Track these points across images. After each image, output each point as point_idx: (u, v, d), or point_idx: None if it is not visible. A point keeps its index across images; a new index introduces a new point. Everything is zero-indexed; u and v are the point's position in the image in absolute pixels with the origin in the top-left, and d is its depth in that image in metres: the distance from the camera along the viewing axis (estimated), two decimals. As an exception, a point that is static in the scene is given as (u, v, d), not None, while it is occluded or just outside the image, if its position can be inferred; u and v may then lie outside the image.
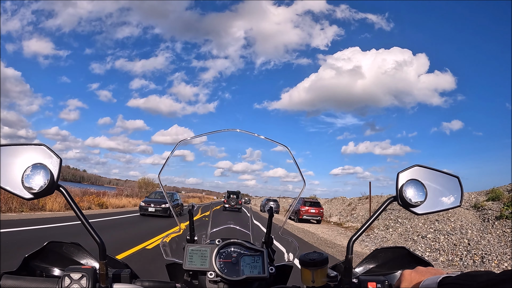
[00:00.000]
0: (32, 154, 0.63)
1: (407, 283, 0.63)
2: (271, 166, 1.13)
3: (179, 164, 1.05)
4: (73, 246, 0.77)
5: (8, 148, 0.63)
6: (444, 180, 0.71)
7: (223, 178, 1.28)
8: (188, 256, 0.78)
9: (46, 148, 0.64)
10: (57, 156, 0.63)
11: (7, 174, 0.62)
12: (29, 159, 0.63)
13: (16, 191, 0.61)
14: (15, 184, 0.61)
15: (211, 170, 1.22)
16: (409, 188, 0.68)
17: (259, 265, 0.78)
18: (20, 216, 9.21)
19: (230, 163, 1.17)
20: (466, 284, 0.51)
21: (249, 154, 1.08)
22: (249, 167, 1.18)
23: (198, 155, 1.10)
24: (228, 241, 0.81)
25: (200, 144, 1.04)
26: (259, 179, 1.26)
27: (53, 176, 0.61)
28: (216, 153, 1.13)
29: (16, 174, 0.62)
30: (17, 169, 0.62)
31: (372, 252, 0.83)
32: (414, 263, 0.74)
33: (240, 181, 1.31)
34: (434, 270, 0.64)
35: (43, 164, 0.62)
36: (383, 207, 0.68)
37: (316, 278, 0.68)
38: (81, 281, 0.61)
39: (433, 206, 0.70)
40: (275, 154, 0.96)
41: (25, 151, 0.63)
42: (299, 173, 0.88)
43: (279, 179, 1.15)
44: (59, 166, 0.63)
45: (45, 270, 0.73)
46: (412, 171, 0.70)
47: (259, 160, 1.11)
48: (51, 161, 0.63)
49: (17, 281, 0.62)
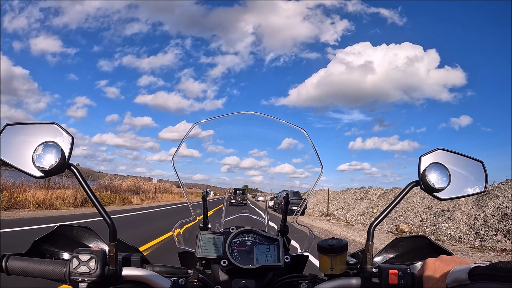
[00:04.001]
0: (43, 132, 0.62)
1: (431, 271, 0.60)
2: (279, 162, 1.12)
3: (186, 161, 1.04)
4: (84, 230, 0.76)
5: (19, 127, 0.62)
6: (468, 165, 0.68)
7: (230, 174, 1.27)
8: (201, 244, 0.75)
9: (58, 126, 0.62)
10: (68, 135, 0.61)
11: (17, 153, 0.60)
12: (40, 138, 0.61)
13: (27, 170, 0.60)
14: (26, 163, 0.60)
15: (218, 166, 1.21)
16: (432, 172, 0.65)
17: (274, 254, 0.75)
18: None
19: (238, 159, 1.15)
20: (498, 275, 0.47)
21: (257, 142, 1.07)
22: (256, 163, 1.17)
23: (205, 151, 1.09)
24: (243, 229, 0.79)
25: (207, 141, 1.03)
26: (265, 175, 1.24)
27: (64, 154, 0.60)
28: (223, 149, 1.13)
29: (27, 153, 0.60)
30: (28, 148, 0.60)
31: (392, 241, 0.80)
32: (436, 254, 0.71)
33: (247, 177, 1.30)
34: (459, 259, 0.60)
35: (55, 143, 0.60)
36: (404, 191, 0.65)
37: (335, 265, 0.65)
38: (90, 263, 0.59)
39: (457, 191, 0.67)
40: (289, 134, 0.95)
41: (36, 129, 0.62)
42: (316, 157, 0.85)
43: (286, 175, 1.14)
44: (71, 144, 0.61)
45: (55, 253, 0.72)
46: (435, 155, 0.67)
47: (266, 157, 1.11)
48: (63, 140, 0.61)
49: (24, 262, 0.60)
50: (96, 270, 0.58)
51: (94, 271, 0.58)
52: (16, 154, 0.60)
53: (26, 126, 0.62)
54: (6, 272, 0.59)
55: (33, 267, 0.60)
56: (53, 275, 0.60)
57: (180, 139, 0.86)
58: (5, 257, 0.59)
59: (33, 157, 0.59)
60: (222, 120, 0.91)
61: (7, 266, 0.59)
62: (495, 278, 0.47)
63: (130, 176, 26.11)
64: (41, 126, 0.62)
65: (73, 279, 0.58)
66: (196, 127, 0.88)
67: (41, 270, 0.60)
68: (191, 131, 0.87)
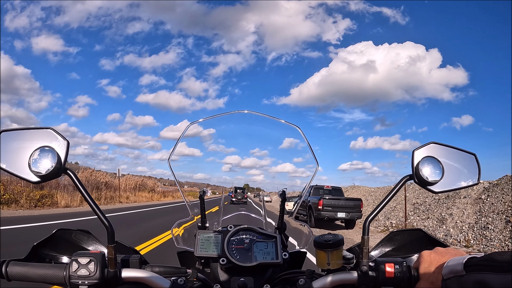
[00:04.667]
0: (39, 137, 0.62)
1: (426, 264, 0.61)
2: (280, 161, 1.13)
3: (187, 160, 1.04)
4: (83, 233, 0.76)
5: (14, 132, 0.62)
6: (461, 158, 0.69)
7: (231, 174, 1.27)
8: (200, 243, 0.76)
9: (53, 131, 0.62)
10: (64, 139, 0.62)
11: (13, 158, 0.61)
12: (36, 143, 0.61)
13: (23, 175, 0.60)
14: (22, 168, 0.60)
15: (219, 166, 1.21)
16: (425, 166, 0.65)
17: (272, 251, 0.76)
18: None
19: (239, 158, 1.16)
20: (493, 266, 0.48)
21: (258, 141, 1.07)
22: (258, 163, 1.17)
23: (206, 150, 1.09)
24: (240, 227, 0.79)
25: (208, 141, 1.03)
26: (267, 174, 1.25)
27: (61, 159, 0.60)
28: (224, 148, 1.13)
29: (23, 158, 0.60)
30: (24, 153, 0.61)
31: (388, 234, 0.81)
32: (432, 246, 0.72)
33: (248, 176, 1.30)
34: (454, 251, 0.61)
35: (50, 147, 0.61)
36: (398, 186, 0.66)
37: (331, 260, 0.66)
38: (89, 265, 0.59)
39: (451, 184, 0.68)
40: (290, 133, 0.95)
41: (31, 135, 0.62)
42: (311, 154, 0.86)
43: (287, 174, 1.14)
44: (67, 149, 0.62)
45: (54, 258, 0.72)
46: (428, 148, 0.67)
47: (267, 156, 1.11)
48: (58, 144, 0.62)
49: (24, 267, 0.60)
50: (95, 273, 0.59)
51: (94, 273, 0.59)
52: (12, 160, 0.60)
53: (21, 131, 0.63)
54: (7, 278, 0.59)
55: (33, 272, 0.60)
56: (53, 279, 0.60)
57: (181, 139, 0.86)
58: (4, 263, 0.60)
59: (29, 162, 0.60)
60: (223, 119, 0.91)
61: (7, 272, 0.59)
62: (491, 268, 0.48)
63: (91, 168, 19.27)
64: (36, 131, 0.63)
65: (73, 282, 0.59)
66: (197, 125, 0.89)
67: (41, 275, 0.60)
68: (187, 130, 0.87)
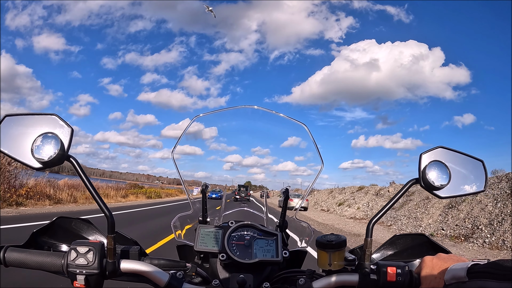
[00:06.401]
0: (43, 123, 0.61)
1: (429, 269, 0.60)
2: (281, 160, 1.13)
3: (188, 158, 1.03)
4: (83, 222, 0.75)
5: (18, 117, 0.62)
6: (468, 164, 0.68)
7: (232, 172, 1.26)
8: (200, 237, 0.76)
9: (58, 117, 0.62)
10: (68, 126, 0.61)
11: (16, 144, 0.60)
12: (39, 129, 0.60)
13: (25, 160, 0.59)
14: (24, 154, 0.59)
15: (220, 164, 1.21)
16: (432, 170, 0.65)
17: (272, 248, 0.75)
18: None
19: (240, 157, 1.15)
20: (497, 274, 0.47)
21: (260, 139, 1.06)
22: (259, 161, 1.17)
23: (207, 149, 1.08)
24: (242, 224, 0.79)
25: (210, 139, 1.03)
26: (268, 172, 1.24)
27: (64, 146, 0.59)
28: (226, 146, 1.12)
29: (25, 144, 0.60)
30: (26, 139, 0.60)
31: (391, 238, 0.80)
32: (434, 252, 0.71)
33: (249, 175, 1.30)
34: (456, 257, 0.60)
35: (54, 134, 0.60)
36: (404, 189, 0.65)
37: (333, 261, 0.65)
38: (88, 255, 0.58)
39: (457, 189, 0.67)
40: (292, 132, 0.95)
41: (35, 120, 0.61)
42: (316, 153, 0.85)
43: (288, 173, 1.14)
44: (71, 136, 0.61)
45: (53, 245, 0.71)
46: (436, 153, 0.67)
47: (269, 154, 1.11)
48: (62, 131, 0.61)
49: (22, 254, 0.60)
50: (94, 263, 0.58)
51: (92, 263, 0.58)
52: (15, 145, 0.60)
53: (25, 117, 0.62)
54: (4, 264, 0.59)
55: (31, 259, 0.59)
56: (51, 267, 0.60)
57: (183, 138, 0.85)
58: (2, 248, 0.59)
59: (32, 148, 0.59)
60: (225, 116, 0.90)
61: (5, 257, 0.59)
62: (494, 276, 0.47)
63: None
64: (40, 117, 0.62)
65: (71, 271, 0.58)
66: (198, 123, 0.88)
67: (39, 262, 0.59)
68: (192, 125, 0.86)
